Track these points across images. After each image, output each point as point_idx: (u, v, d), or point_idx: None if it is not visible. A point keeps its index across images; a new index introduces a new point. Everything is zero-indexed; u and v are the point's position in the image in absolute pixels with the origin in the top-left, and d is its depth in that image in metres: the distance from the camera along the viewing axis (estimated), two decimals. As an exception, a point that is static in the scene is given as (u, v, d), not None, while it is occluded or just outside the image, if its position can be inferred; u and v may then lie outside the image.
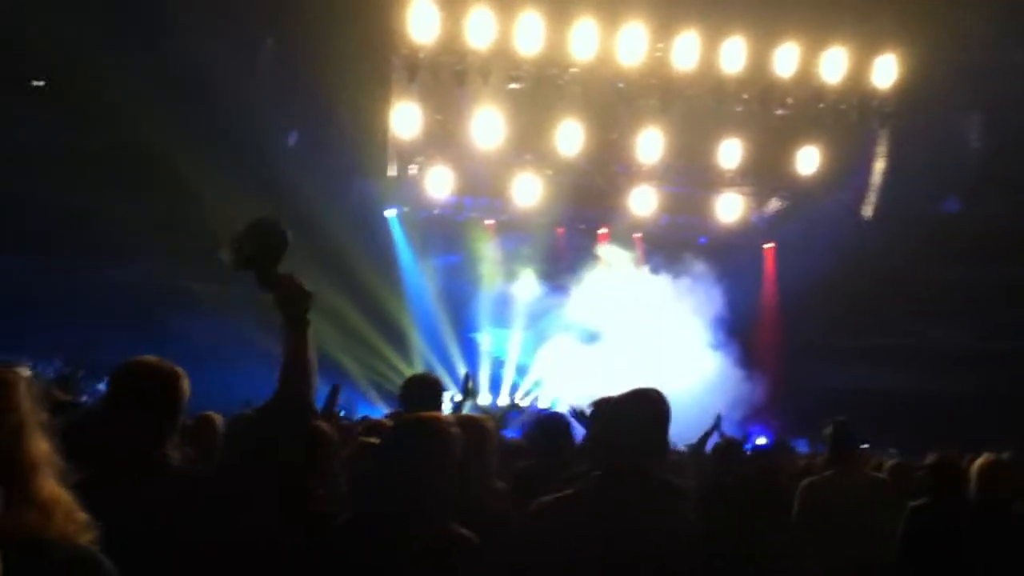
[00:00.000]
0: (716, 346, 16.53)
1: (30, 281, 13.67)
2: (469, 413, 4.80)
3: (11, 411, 1.46)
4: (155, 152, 13.46)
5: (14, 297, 12.87)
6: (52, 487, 1.47)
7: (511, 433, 10.74)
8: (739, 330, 16.98)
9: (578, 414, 4.18)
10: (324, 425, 3.38)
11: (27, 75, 14.12)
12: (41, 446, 1.48)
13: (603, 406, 3.41)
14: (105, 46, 12.47)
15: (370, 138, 15.82)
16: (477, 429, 3.41)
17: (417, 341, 17.25)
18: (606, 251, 17.20)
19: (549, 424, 4.48)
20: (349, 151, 15.64)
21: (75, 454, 1.66)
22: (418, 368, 16.04)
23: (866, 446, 7.21)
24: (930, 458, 4.74)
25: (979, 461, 4.44)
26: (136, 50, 12.91)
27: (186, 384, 2.69)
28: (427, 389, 4.23)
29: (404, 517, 2.56)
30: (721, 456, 6.14)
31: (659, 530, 2.53)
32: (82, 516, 1.50)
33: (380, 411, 12.85)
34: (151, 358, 2.67)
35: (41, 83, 14.20)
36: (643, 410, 2.63)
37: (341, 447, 3.45)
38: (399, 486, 2.60)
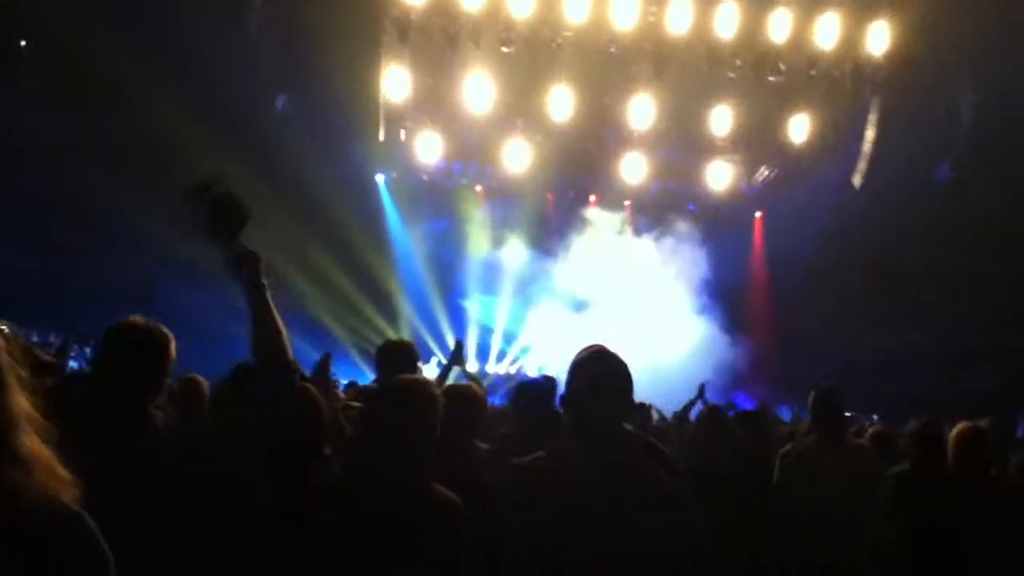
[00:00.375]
0: (703, 313, 16.60)
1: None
2: (457, 380, 4.81)
3: None
4: (141, 116, 13.32)
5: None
6: (33, 443, 1.46)
7: (498, 400, 10.84)
8: (727, 297, 17.04)
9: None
10: (310, 387, 3.38)
11: (13, 37, 13.89)
12: (21, 402, 1.47)
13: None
14: (90, 10, 12.30)
15: (360, 102, 15.68)
16: (467, 396, 3.42)
17: (405, 307, 17.27)
18: (595, 215, 17.19)
19: (532, 390, 4.52)
20: (338, 115, 15.52)
21: (61, 413, 1.67)
22: (406, 334, 16.08)
23: (849, 414, 7.26)
24: (911, 425, 4.78)
25: (957, 428, 4.48)
26: (122, 14, 12.70)
27: (173, 346, 2.70)
28: (402, 354, 4.25)
29: (387, 479, 2.57)
30: (706, 424, 6.20)
31: (632, 487, 2.55)
32: (64, 473, 1.49)
33: (367, 377, 12.88)
34: (139, 319, 2.68)
35: (24, 43, 13.97)
36: (598, 367, 2.64)
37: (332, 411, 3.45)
38: (383, 448, 2.61)
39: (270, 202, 14.94)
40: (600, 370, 2.63)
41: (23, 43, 14.10)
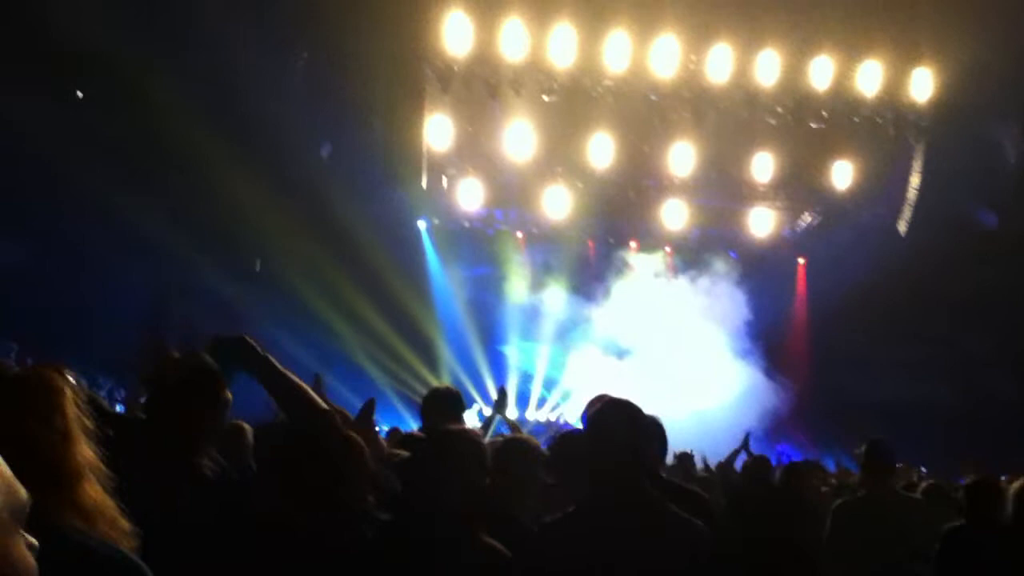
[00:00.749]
0: (747, 361, 16.38)
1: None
2: (497, 428, 4.79)
3: (58, 415, 1.48)
4: (192, 162, 13.63)
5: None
6: (97, 493, 1.49)
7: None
8: (771, 345, 16.83)
9: None
10: (355, 435, 3.38)
11: (72, 86, 14.33)
12: (86, 452, 1.49)
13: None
14: (143, 58, 12.68)
15: (403, 149, 15.92)
16: (524, 449, 3.40)
17: (445, 353, 17.28)
18: (636, 260, 17.14)
19: (573, 440, 4.47)
20: (382, 162, 15.75)
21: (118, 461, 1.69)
22: (446, 380, 16.08)
23: (899, 465, 7.12)
24: (967, 479, 4.66)
25: (1016, 484, 4.35)
26: (173, 62, 13.09)
27: (227, 393, 2.72)
28: (449, 402, 4.24)
29: (432, 530, 2.56)
30: (750, 473, 6.11)
31: (662, 539, 2.53)
32: (125, 524, 1.52)
33: (408, 424, 12.87)
34: (193, 358, 2.70)
35: (80, 94, 14.41)
36: (613, 420, 2.63)
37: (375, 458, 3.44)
38: (428, 499, 2.60)
39: (315, 248, 15.23)
40: (609, 424, 2.62)
41: (79, 93, 14.54)
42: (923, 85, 14.64)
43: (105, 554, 1.44)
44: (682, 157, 15.84)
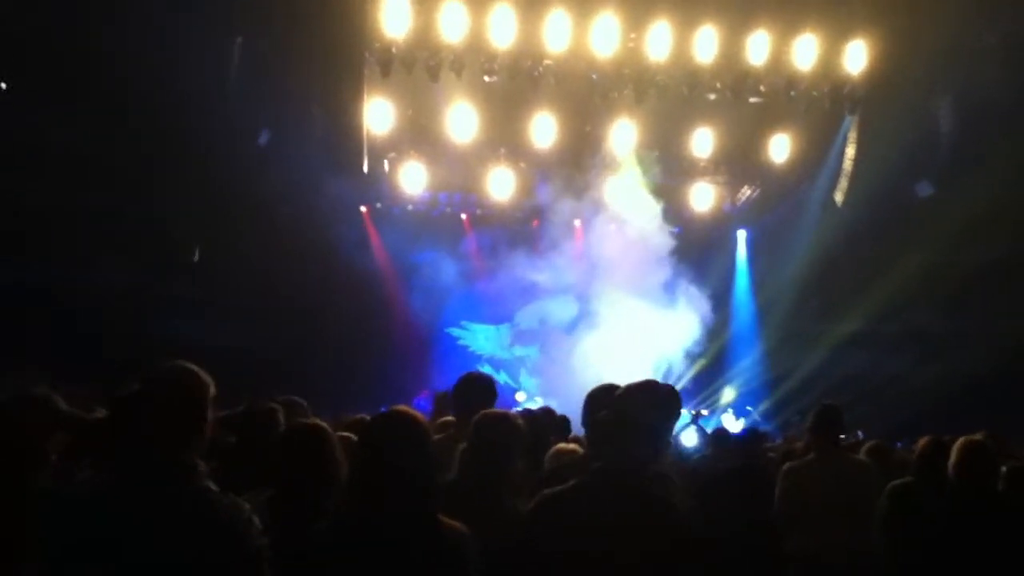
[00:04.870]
0: (693, 335, 16.58)
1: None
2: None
3: None
4: (125, 154, 13.28)
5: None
6: None
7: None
8: (714, 318, 17.06)
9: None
10: (319, 423, 3.33)
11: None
12: None
13: (602, 397, 3.43)
14: (65, 44, 12.29)
15: (343, 135, 15.72)
16: (500, 424, 3.37)
17: (395, 337, 17.20)
18: (581, 238, 17.21)
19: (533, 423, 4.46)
20: (322, 148, 15.53)
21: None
22: (397, 366, 16.04)
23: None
24: (922, 440, 4.79)
25: (957, 442, 4.48)
26: (99, 45, 12.66)
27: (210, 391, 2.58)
28: (481, 387, 4.19)
29: (389, 514, 2.53)
30: (714, 444, 6.22)
31: (658, 525, 2.53)
32: None
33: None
34: (180, 365, 2.56)
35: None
36: (647, 402, 2.62)
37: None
38: (382, 482, 2.57)
39: (255, 237, 14.99)
40: (643, 405, 2.61)
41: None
42: (857, 58, 14.89)
43: None
44: (624, 135, 15.92)
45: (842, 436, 5.77)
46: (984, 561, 4.17)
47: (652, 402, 2.62)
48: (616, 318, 15.87)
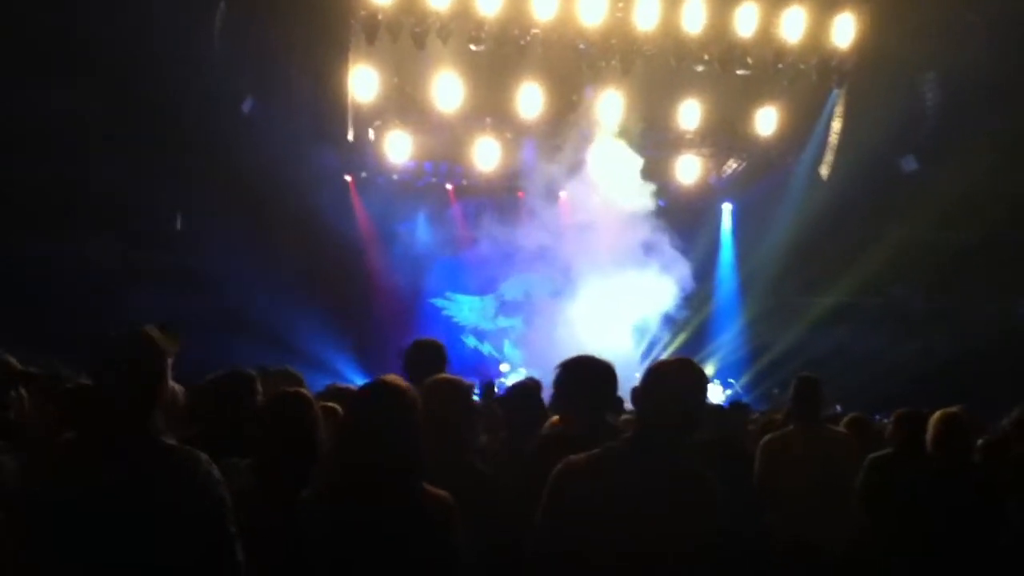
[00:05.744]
0: (676, 307, 16.65)
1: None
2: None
3: None
4: (103, 120, 13.12)
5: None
6: None
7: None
8: (698, 290, 17.13)
9: None
10: (303, 392, 3.32)
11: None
12: None
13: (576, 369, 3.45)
14: (39, 11, 12.08)
15: (328, 103, 15.57)
16: (454, 389, 3.38)
17: (379, 308, 17.18)
18: (567, 209, 17.16)
19: (521, 392, 4.49)
20: (306, 116, 15.39)
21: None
22: (382, 337, 16.01)
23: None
24: (898, 411, 4.84)
25: (934, 416, 4.53)
26: (74, 11, 12.44)
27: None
28: (432, 353, 4.21)
29: (375, 484, 2.53)
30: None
31: (688, 498, 2.56)
32: None
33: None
34: (144, 328, 2.59)
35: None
36: (685, 378, 2.64)
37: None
38: (369, 451, 2.57)
39: (238, 206, 14.87)
40: (680, 381, 2.62)
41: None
42: (845, 31, 14.86)
43: None
44: (611, 106, 15.85)
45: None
46: (961, 531, 4.24)
47: (688, 379, 2.65)
48: (600, 288, 15.88)
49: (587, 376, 3.45)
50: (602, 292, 15.83)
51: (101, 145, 13.41)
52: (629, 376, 3.69)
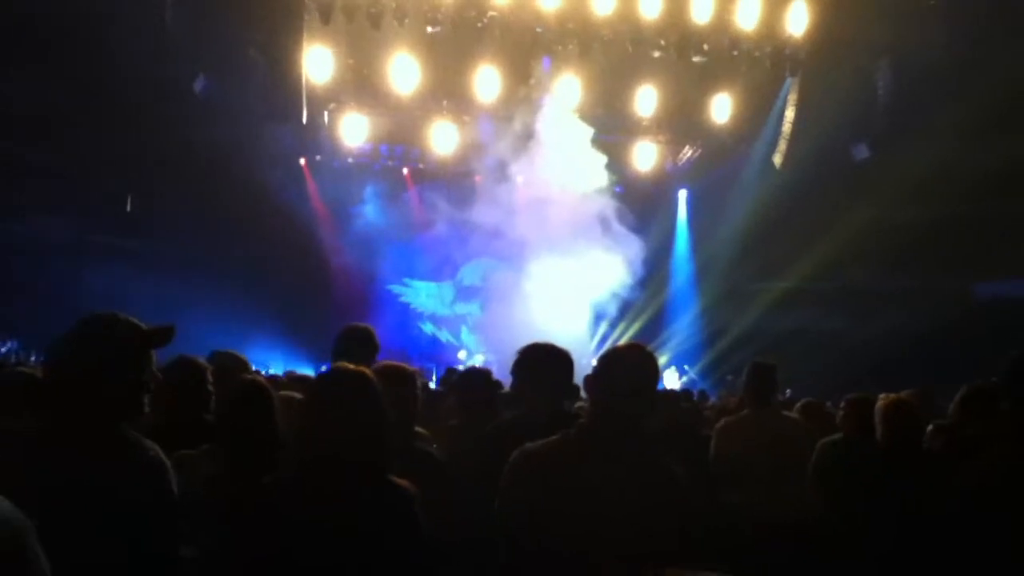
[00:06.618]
0: (631, 290, 16.70)
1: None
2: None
3: None
4: (54, 101, 12.81)
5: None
6: None
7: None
8: (654, 277, 17.24)
9: None
10: (260, 379, 3.28)
11: None
12: None
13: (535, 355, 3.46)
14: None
15: (282, 83, 15.33)
16: (402, 376, 3.37)
17: (335, 293, 17.03)
18: (524, 195, 17.13)
19: (475, 377, 4.49)
20: (260, 97, 15.14)
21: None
22: (338, 322, 15.78)
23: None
24: (848, 396, 4.90)
25: (881, 401, 4.59)
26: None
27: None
28: (362, 339, 4.17)
29: (340, 471, 2.50)
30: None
31: (647, 481, 2.56)
32: None
33: (300, 367, 12.66)
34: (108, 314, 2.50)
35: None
36: (639, 364, 2.64)
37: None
38: (333, 438, 2.54)
39: (190, 187, 14.61)
40: (635, 365, 2.62)
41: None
42: (799, 19, 15.01)
43: None
44: (568, 90, 15.83)
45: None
46: (911, 516, 4.32)
47: (643, 364, 2.65)
48: (555, 265, 15.87)
49: (545, 363, 3.45)
50: (557, 270, 15.81)
51: (52, 126, 13.11)
52: (585, 364, 3.72)
